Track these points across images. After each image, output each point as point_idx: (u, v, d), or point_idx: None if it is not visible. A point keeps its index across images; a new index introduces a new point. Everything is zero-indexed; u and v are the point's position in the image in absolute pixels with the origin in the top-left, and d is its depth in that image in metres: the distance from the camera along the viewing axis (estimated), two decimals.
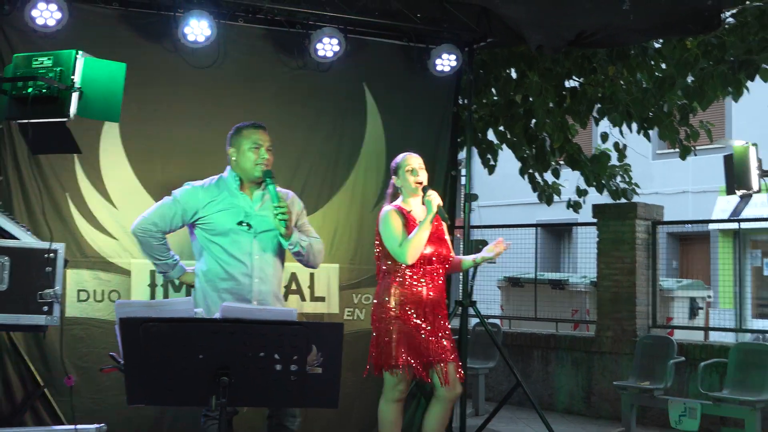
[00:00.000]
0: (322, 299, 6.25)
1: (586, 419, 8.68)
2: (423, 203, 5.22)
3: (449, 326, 5.36)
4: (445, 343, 5.21)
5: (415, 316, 5.14)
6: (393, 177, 5.36)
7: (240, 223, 4.77)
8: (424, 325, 5.15)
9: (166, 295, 5.73)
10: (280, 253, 4.95)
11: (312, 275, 6.17)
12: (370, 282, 6.36)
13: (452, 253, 5.42)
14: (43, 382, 5.38)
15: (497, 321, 10.54)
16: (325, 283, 6.24)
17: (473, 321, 8.43)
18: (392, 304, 5.16)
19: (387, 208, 5.29)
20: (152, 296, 5.70)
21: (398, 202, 5.32)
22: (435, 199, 5.14)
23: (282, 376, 3.28)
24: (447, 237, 5.40)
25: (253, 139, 4.85)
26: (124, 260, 5.70)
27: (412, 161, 5.28)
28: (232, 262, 4.78)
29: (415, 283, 5.17)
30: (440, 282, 5.28)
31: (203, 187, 4.92)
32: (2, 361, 5.41)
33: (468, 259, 5.55)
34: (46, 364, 5.43)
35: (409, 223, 5.19)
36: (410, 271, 5.17)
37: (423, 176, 5.26)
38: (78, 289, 5.57)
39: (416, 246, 5.10)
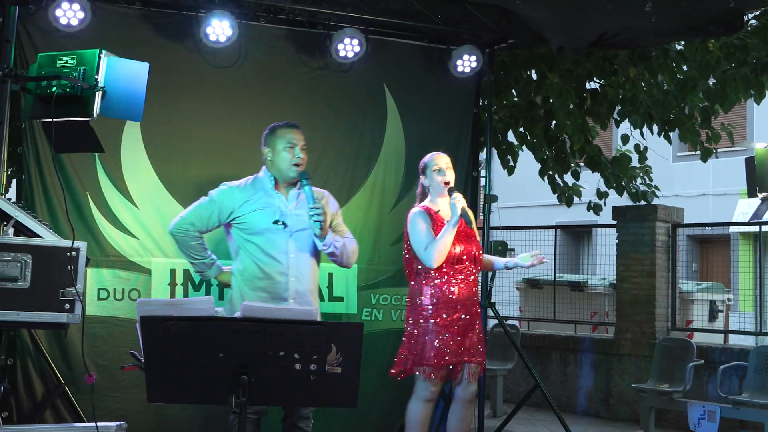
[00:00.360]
0: (340, 299, 6.26)
1: (604, 421, 8.65)
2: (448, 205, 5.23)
3: (481, 326, 5.38)
4: (477, 343, 5.22)
5: (446, 315, 5.15)
6: (421, 176, 5.38)
7: (276, 222, 4.80)
8: (457, 324, 5.15)
9: (186, 294, 5.76)
10: (316, 253, 4.97)
11: (331, 275, 6.19)
12: (388, 282, 6.38)
13: (482, 252, 5.42)
14: (63, 380, 5.42)
15: (516, 322, 10.51)
16: (343, 283, 6.25)
17: (492, 322, 8.41)
18: (426, 304, 5.17)
19: (414, 209, 5.32)
20: (172, 295, 5.73)
21: (426, 202, 5.34)
22: (460, 201, 5.14)
23: (301, 375, 3.29)
24: (476, 235, 5.41)
25: (288, 138, 4.88)
26: (145, 259, 5.74)
27: (440, 161, 5.30)
28: (269, 261, 4.80)
29: (446, 282, 5.17)
30: (472, 280, 5.29)
31: (239, 187, 4.95)
32: (24, 358, 5.46)
33: (500, 262, 5.54)
34: (67, 362, 5.47)
35: (436, 223, 5.20)
36: (441, 271, 5.17)
37: (450, 176, 5.27)
38: (98, 288, 5.61)
39: (441, 250, 5.11)
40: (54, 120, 3.46)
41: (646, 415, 7.68)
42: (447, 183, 5.23)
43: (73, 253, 3.98)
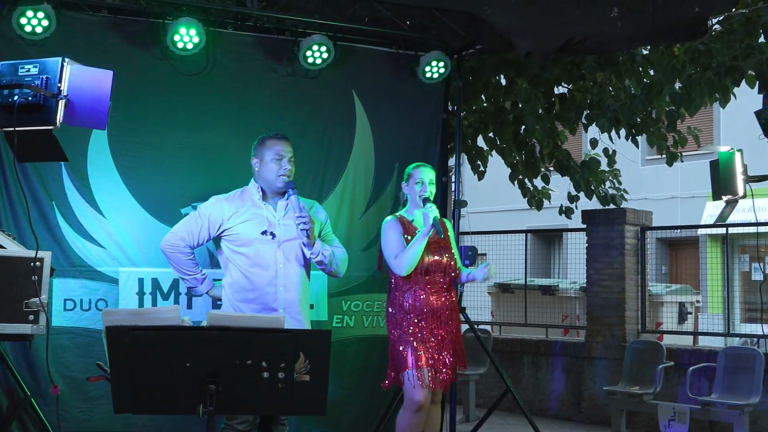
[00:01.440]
0: (310, 306, 6.23)
1: (576, 425, 8.69)
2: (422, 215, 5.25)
3: (459, 333, 5.40)
4: (455, 352, 5.28)
5: (422, 324, 5.16)
6: (403, 183, 5.42)
7: (264, 233, 4.81)
8: (433, 333, 5.16)
9: (154, 304, 5.71)
10: (305, 263, 4.98)
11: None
12: (359, 289, 6.36)
13: (457, 263, 5.41)
14: (30, 392, 5.35)
15: (488, 327, 10.54)
16: (313, 290, 6.20)
17: (463, 327, 8.42)
18: (401, 313, 5.19)
19: (388, 218, 5.38)
20: (140, 304, 5.68)
21: (402, 211, 5.37)
22: (432, 211, 5.16)
23: (269, 383, 3.28)
24: (453, 246, 5.41)
25: (276, 150, 4.91)
26: (112, 268, 5.68)
27: (424, 175, 5.33)
28: (257, 272, 4.82)
29: (419, 292, 5.19)
30: (445, 290, 5.30)
31: (227, 199, 4.97)
32: None
33: (464, 273, 5.52)
34: (33, 374, 5.41)
35: (409, 232, 5.22)
36: (414, 282, 5.19)
37: (431, 191, 5.30)
38: (65, 298, 5.55)
39: (411, 258, 5.13)
40: (16, 129, 3.42)
41: (618, 418, 7.72)
42: (425, 200, 5.24)
43: (38, 263, 3.94)
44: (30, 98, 3.42)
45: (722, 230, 10.07)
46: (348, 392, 6.12)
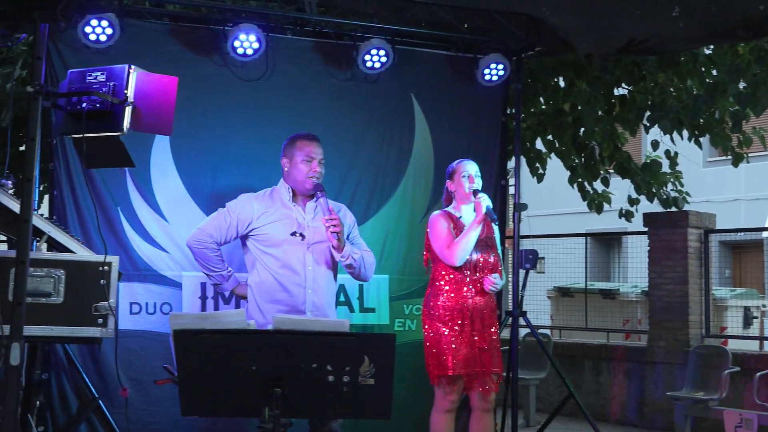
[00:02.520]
0: (372, 310, 6.24)
1: (639, 430, 8.57)
2: (474, 209, 5.20)
3: (497, 336, 5.33)
4: (492, 353, 5.19)
5: (461, 323, 5.11)
6: (447, 181, 5.36)
7: (293, 234, 4.79)
8: (473, 334, 5.12)
9: (216, 307, 5.76)
10: (333, 265, 4.96)
11: (361, 286, 6.18)
12: (420, 293, 6.32)
13: (501, 265, 5.37)
14: (97, 394, 5.44)
15: (547, 331, 10.45)
16: (374, 294, 6.24)
17: (523, 331, 8.37)
18: (438, 312, 5.15)
19: (435, 212, 5.32)
20: (203, 308, 5.74)
21: (449, 208, 5.32)
22: (484, 200, 5.12)
23: (334, 387, 3.29)
24: (498, 247, 5.38)
25: (306, 151, 4.87)
26: (175, 273, 5.75)
27: (469, 167, 5.28)
28: (286, 274, 4.79)
29: (462, 290, 5.15)
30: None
31: (257, 197, 4.96)
32: (58, 373, 5.49)
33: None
34: (101, 376, 5.50)
35: (457, 228, 5.18)
36: (456, 279, 5.15)
37: (478, 184, 5.25)
38: (130, 302, 5.63)
39: (464, 247, 5.09)
40: (84, 136, 3.48)
41: (682, 424, 7.60)
42: (475, 191, 5.20)
43: (106, 267, 4.00)
44: (98, 105, 3.48)
45: None
46: (410, 396, 6.10)
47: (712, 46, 7.89)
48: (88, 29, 5.33)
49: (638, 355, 8.83)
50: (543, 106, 9.36)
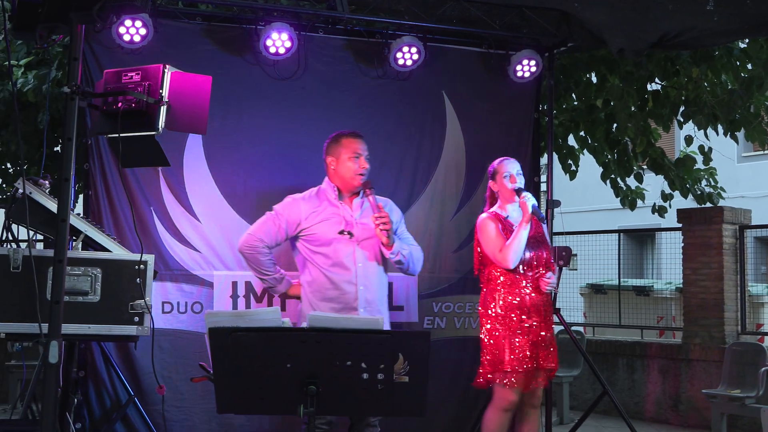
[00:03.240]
0: (400, 308, 6.23)
1: (674, 428, 8.50)
2: (519, 205, 5.19)
3: (553, 331, 5.34)
4: (551, 350, 5.22)
5: (519, 321, 5.11)
6: (490, 181, 5.35)
7: (341, 232, 4.81)
8: (530, 331, 5.11)
9: (248, 306, 5.79)
10: (383, 261, 4.98)
11: (390, 284, 6.17)
12: (451, 290, 6.34)
13: (553, 260, 5.36)
14: (133, 392, 5.49)
15: (580, 328, 10.39)
16: (403, 292, 6.23)
17: (557, 328, 8.31)
18: (497, 311, 5.15)
19: (483, 215, 5.32)
20: (234, 307, 5.77)
21: (495, 208, 5.31)
22: (530, 200, 5.11)
23: (369, 384, 3.29)
24: (549, 243, 5.36)
25: (353, 148, 4.91)
26: (207, 272, 5.79)
27: (510, 167, 5.27)
28: (337, 271, 4.82)
29: (518, 288, 5.14)
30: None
31: (303, 198, 4.99)
32: (95, 370, 5.55)
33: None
34: (135, 374, 5.55)
35: (506, 228, 5.18)
36: (512, 277, 5.15)
37: (520, 182, 5.25)
38: (162, 301, 5.67)
39: (516, 249, 5.09)
40: (120, 135, 3.51)
41: (718, 421, 7.53)
42: (519, 190, 5.19)
43: (141, 266, 4.03)
44: (133, 105, 3.51)
45: None
46: (441, 394, 6.10)
47: (747, 40, 7.79)
48: (122, 30, 5.38)
49: (673, 353, 8.76)
50: (575, 102, 9.30)
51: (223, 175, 5.88)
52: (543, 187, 7.02)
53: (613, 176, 9.40)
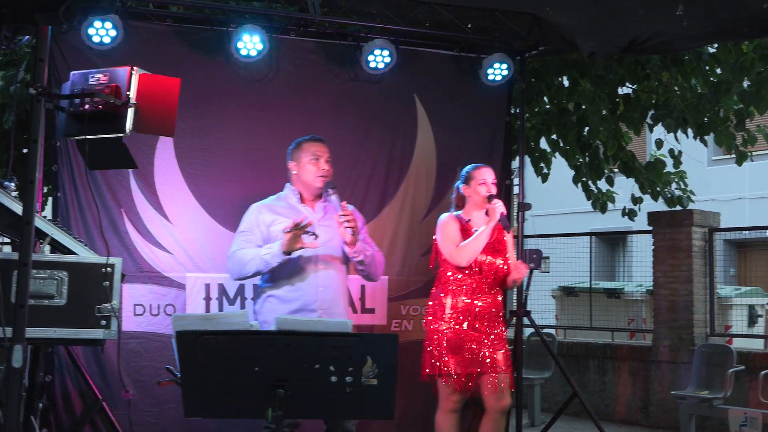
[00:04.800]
0: (371, 311, 6.24)
1: (644, 429, 8.56)
2: (486, 213, 5.19)
3: (505, 337, 5.32)
4: (497, 355, 5.17)
5: (466, 325, 5.11)
6: (462, 185, 5.33)
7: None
8: (475, 336, 5.12)
9: (220, 309, 5.77)
10: (345, 263, 4.97)
11: (363, 287, 6.18)
12: (418, 293, 6.34)
13: (510, 267, 5.35)
14: (101, 396, 5.44)
15: (552, 331, 10.44)
16: (375, 294, 6.23)
17: (528, 331, 8.36)
18: (444, 313, 5.14)
19: (445, 215, 5.31)
20: (207, 309, 5.75)
21: (459, 212, 5.31)
22: (499, 207, 5.12)
23: (337, 387, 3.29)
24: (510, 251, 5.36)
25: (312, 151, 4.92)
26: (179, 274, 5.76)
27: (486, 175, 5.27)
28: (297, 273, 4.80)
29: (468, 292, 5.14)
30: (494, 293, 5.25)
31: (267, 207, 4.98)
32: (62, 375, 5.50)
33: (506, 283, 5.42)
34: (104, 378, 5.51)
35: (465, 231, 5.18)
36: (463, 281, 5.14)
37: (494, 191, 5.26)
38: (134, 304, 5.64)
39: (473, 249, 5.09)
40: (87, 137, 3.48)
41: (687, 423, 7.58)
42: (491, 197, 5.20)
43: (108, 269, 4.00)
44: (100, 107, 3.48)
45: None
46: (407, 396, 6.09)
47: (716, 45, 7.86)
48: (91, 31, 5.35)
49: (643, 354, 8.82)
50: (547, 106, 9.34)
51: (194, 176, 5.85)
52: (515, 189, 7.05)
53: (584, 179, 9.45)
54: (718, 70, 8.28)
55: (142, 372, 5.57)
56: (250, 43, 5.70)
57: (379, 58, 6.06)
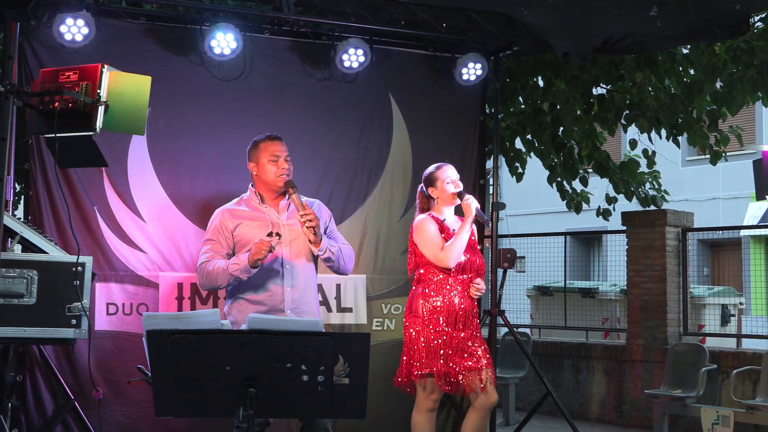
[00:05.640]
0: (349, 310, 6.24)
1: (618, 428, 8.60)
2: (462, 207, 5.19)
3: (480, 335, 5.33)
4: (479, 351, 5.19)
5: (446, 325, 5.12)
6: (427, 188, 5.30)
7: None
8: (456, 334, 5.12)
9: (193, 308, 5.75)
10: (313, 261, 4.95)
11: (338, 286, 6.18)
12: (399, 292, 6.35)
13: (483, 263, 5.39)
14: (73, 395, 5.42)
15: (527, 330, 10.47)
16: (352, 293, 6.23)
17: (503, 330, 8.38)
18: (423, 312, 5.14)
19: (421, 216, 5.28)
20: (180, 309, 5.73)
21: (432, 212, 5.31)
22: (473, 202, 5.12)
23: (309, 386, 3.28)
24: (478, 247, 5.39)
25: (271, 150, 4.86)
26: (152, 273, 5.74)
27: (451, 173, 5.27)
28: (264, 273, 4.78)
29: (446, 292, 5.15)
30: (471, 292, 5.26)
31: (229, 212, 4.92)
32: (33, 374, 5.46)
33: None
34: (76, 378, 5.48)
35: (443, 230, 5.18)
36: (443, 280, 5.15)
37: (461, 187, 5.26)
38: (107, 302, 5.61)
39: (458, 249, 5.09)
40: (57, 135, 3.46)
41: (660, 421, 7.63)
42: (461, 194, 5.20)
43: (79, 268, 3.98)
44: (70, 104, 3.46)
45: (766, 231, 9.94)
46: (387, 395, 6.10)
47: (689, 46, 7.92)
48: (63, 28, 5.31)
49: (617, 354, 8.86)
50: (522, 106, 9.38)
51: (168, 175, 5.83)
52: (490, 189, 7.07)
53: (559, 179, 9.49)
54: (692, 71, 8.35)
55: (115, 371, 5.54)
56: (223, 42, 5.68)
57: (353, 58, 6.06)
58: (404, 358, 5.22)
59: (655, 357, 8.45)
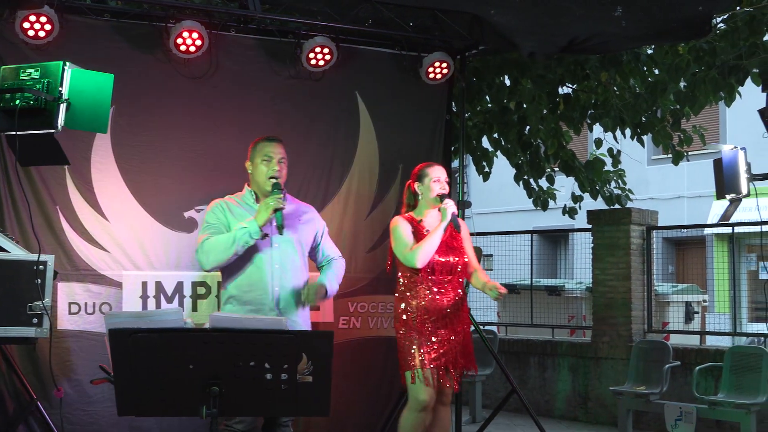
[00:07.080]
0: (316, 308, 6.22)
1: (583, 425, 8.67)
2: (439, 211, 5.22)
3: (466, 333, 5.38)
4: (465, 350, 5.27)
5: (431, 326, 5.14)
6: (415, 183, 5.33)
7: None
8: (438, 334, 5.15)
9: (158, 307, 5.71)
10: (303, 262, 4.95)
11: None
12: (364, 290, 6.35)
13: (468, 262, 5.37)
14: (36, 395, 5.36)
15: (494, 328, 10.53)
16: None
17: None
18: (409, 314, 5.17)
19: (396, 217, 5.33)
20: (144, 308, 5.68)
21: (413, 212, 5.33)
22: (450, 207, 5.15)
23: (272, 385, 3.28)
24: (468, 247, 5.40)
25: (265, 151, 4.85)
26: (116, 272, 5.68)
27: (440, 173, 5.30)
28: (254, 273, 4.77)
29: (429, 292, 5.17)
30: (452, 290, 5.27)
31: (225, 201, 4.91)
32: None
33: (478, 282, 5.43)
34: (39, 377, 5.42)
35: (418, 231, 5.20)
36: (424, 281, 5.17)
37: (446, 189, 5.28)
38: (69, 302, 5.55)
39: (427, 250, 5.11)
40: (18, 133, 3.43)
41: (624, 418, 7.70)
42: (443, 197, 5.22)
43: (40, 266, 3.95)
44: (31, 102, 3.43)
45: (729, 229, 10.05)
46: (354, 393, 6.12)
47: (653, 46, 8.00)
48: (26, 25, 5.25)
49: (582, 351, 8.94)
50: (488, 105, 9.42)
51: (132, 173, 5.77)
52: (457, 188, 7.10)
53: (525, 177, 9.55)
54: (656, 71, 8.43)
55: (77, 371, 5.49)
56: (189, 39, 5.65)
57: (319, 56, 6.06)
58: (399, 358, 5.27)
59: (619, 354, 8.53)
